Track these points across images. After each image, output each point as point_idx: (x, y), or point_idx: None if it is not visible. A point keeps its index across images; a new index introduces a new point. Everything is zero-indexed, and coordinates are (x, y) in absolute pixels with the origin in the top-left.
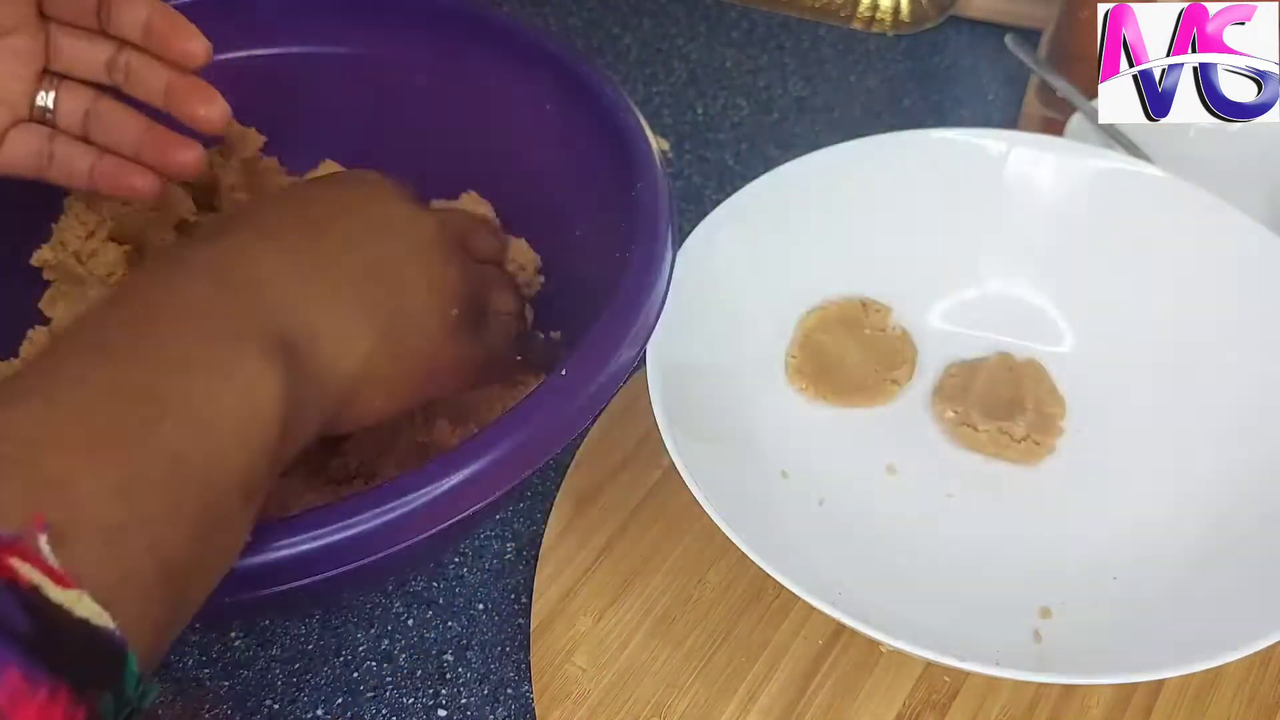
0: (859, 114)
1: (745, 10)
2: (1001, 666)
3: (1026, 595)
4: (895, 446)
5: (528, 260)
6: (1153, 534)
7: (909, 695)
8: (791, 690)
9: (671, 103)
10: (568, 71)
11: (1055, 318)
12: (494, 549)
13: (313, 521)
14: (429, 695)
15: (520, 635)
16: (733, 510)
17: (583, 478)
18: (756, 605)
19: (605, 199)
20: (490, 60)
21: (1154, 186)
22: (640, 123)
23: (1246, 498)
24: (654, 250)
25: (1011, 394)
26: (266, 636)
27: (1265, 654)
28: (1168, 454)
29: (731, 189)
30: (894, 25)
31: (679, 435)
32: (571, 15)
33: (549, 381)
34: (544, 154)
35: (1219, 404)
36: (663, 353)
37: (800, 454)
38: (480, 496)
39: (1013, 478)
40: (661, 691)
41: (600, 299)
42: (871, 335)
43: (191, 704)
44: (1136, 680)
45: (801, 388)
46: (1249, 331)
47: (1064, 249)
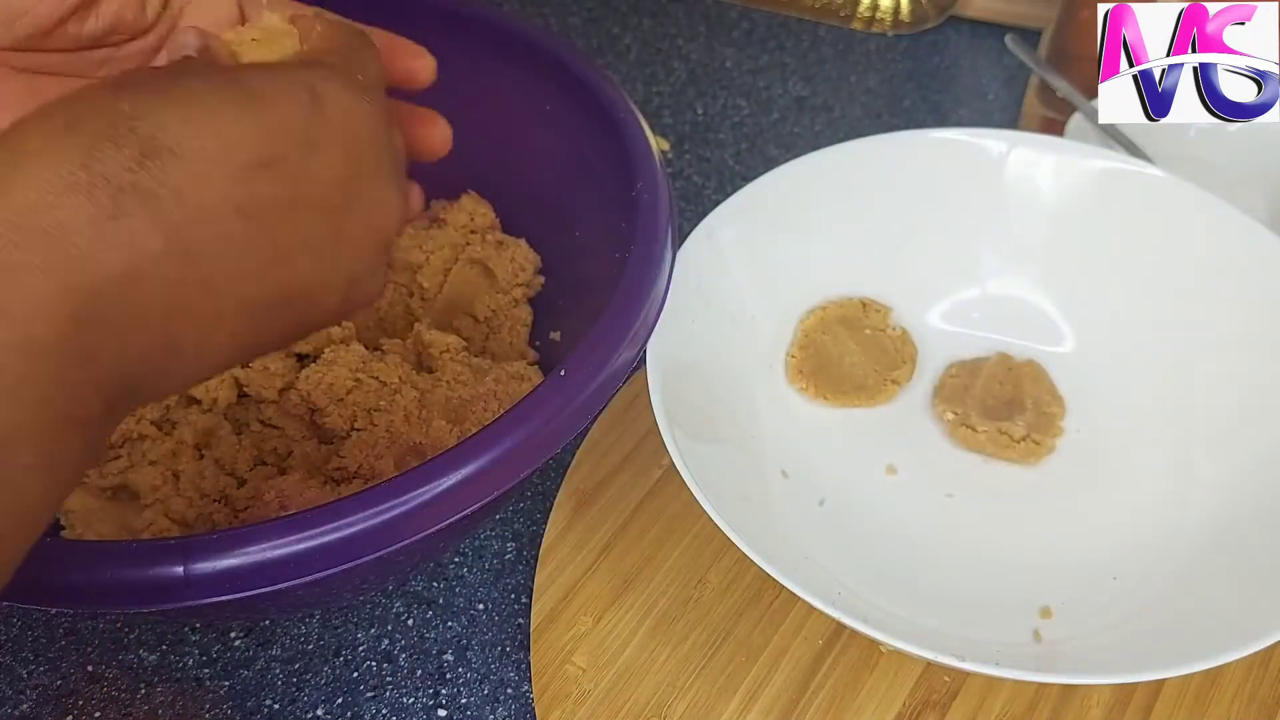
0: (859, 114)
1: (745, 10)
2: (1001, 666)
3: (1026, 595)
4: (895, 446)
5: (528, 260)
6: (1152, 534)
7: (909, 695)
8: (791, 690)
9: (671, 103)
10: (568, 71)
11: (1055, 318)
12: (494, 549)
13: (312, 521)
14: (429, 695)
15: (520, 635)
16: (733, 510)
17: (583, 478)
18: (756, 605)
19: (605, 199)
20: (490, 60)
21: (1154, 186)
22: (640, 123)
23: (1246, 498)
24: (654, 250)
25: (1011, 394)
26: (266, 636)
27: (1265, 654)
28: (1168, 454)
29: (731, 189)
30: (894, 25)
31: (679, 435)
32: (571, 15)
33: (549, 381)
34: (544, 155)
35: (1219, 404)
36: (663, 353)
37: (800, 454)
38: (480, 496)
39: (1013, 478)
40: (661, 691)
41: (600, 299)
42: (871, 335)
43: (191, 704)
44: (1136, 680)
45: (801, 388)
46: (1249, 331)
47: (1064, 249)
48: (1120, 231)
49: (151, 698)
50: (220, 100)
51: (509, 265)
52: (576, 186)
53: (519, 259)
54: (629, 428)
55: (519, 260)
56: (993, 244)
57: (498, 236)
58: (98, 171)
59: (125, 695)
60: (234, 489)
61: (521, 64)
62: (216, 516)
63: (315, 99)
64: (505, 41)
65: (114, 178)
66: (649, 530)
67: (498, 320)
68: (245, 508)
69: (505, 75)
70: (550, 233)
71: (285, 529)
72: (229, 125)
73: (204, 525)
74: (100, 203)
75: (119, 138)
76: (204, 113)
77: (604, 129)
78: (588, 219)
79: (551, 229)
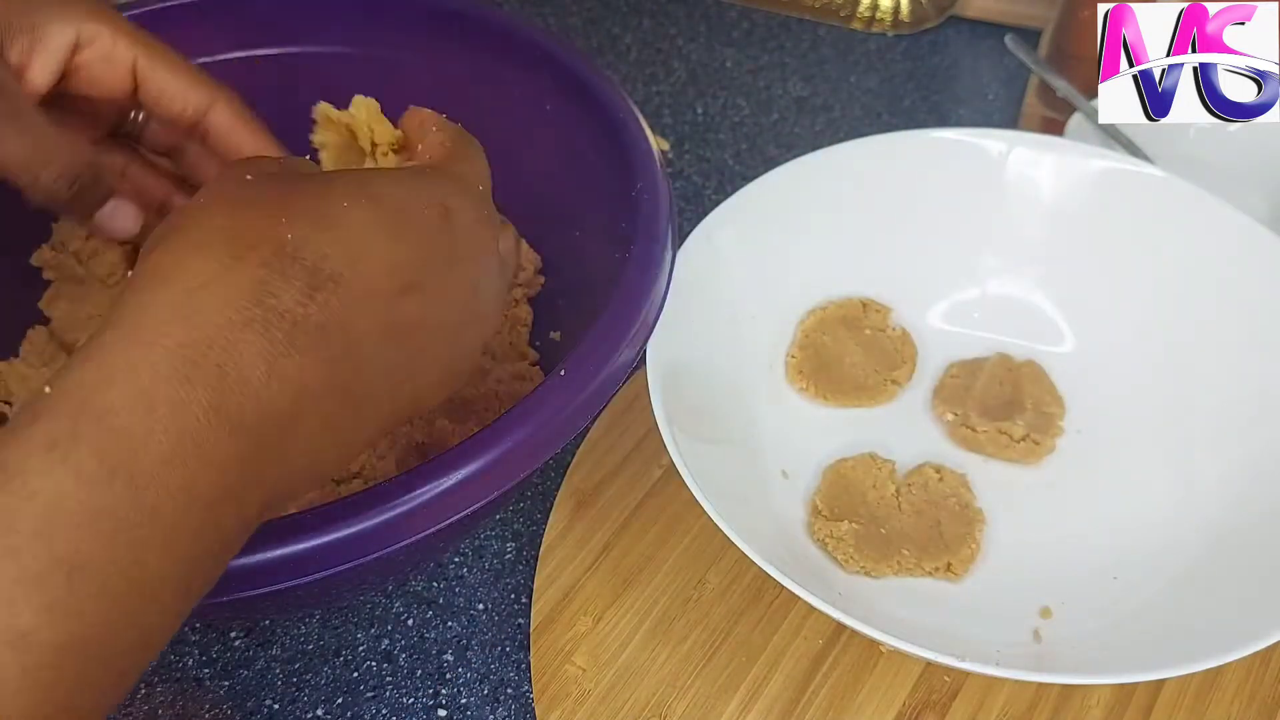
0: (859, 114)
1: (745, 10)
2: (1001, 666)
3: (1026, 595)
4: (895, 447)
5: (528, 260)
6: (1153, 534)
7: (909, 695)
8: (791, 690)
9: (671, 103)
10: (568, 71)
11: (1055, 318)
12: (494, 549)
13: (312, 521)
14: (429, 695)
15: (520, 635)
16: (733, 510)
17: (583, 478)
18: (756, 605)
19: (605, 199)
20: (490, 60)
21: (1154, 186)
22: (640, 123)
23: (1246, 498)
24: (654, 250)
25: (1011, 394)
26: (266, 636)
27: (1265, 654)
28: (1168, 454)
29: (731, 189)
30: (894, 25)
31: (679, 435)
32: (571, 15)
33: (549, 381)
34: (544, 154)
35: (1219, 404)
36: (662, 353)
37: (800, 454)
38: (480, 496)
39: (1012, 478)
40: (661, 691)
41: (600, 299)
42: (871, 335)
43: (191, 704)
44: (1136, 680)
45: (801, 388)
46: (1249, 331)
47: (1064, 249)
48: (1120, 231)
49: (151, 698)
50: (370, 221)
51: None
52: (576, 186)
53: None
54: (629, 428)
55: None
56: (993, 244)
57: None
58: (271, 306)
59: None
60: None
61: (521, 64)
62: None
63: (447, 215)
64: (505, 41)
65: (288, 313)
66: (649, 530)
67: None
68: None
69: (505, 75)
70: (550, 233)
71: (285, 529)
72: (382, 249)
73: None
74: (275, 339)
75: (287, 269)
76: (359, 237)
77: (604, 129)
78: (588, 219)
79: (551, 229)
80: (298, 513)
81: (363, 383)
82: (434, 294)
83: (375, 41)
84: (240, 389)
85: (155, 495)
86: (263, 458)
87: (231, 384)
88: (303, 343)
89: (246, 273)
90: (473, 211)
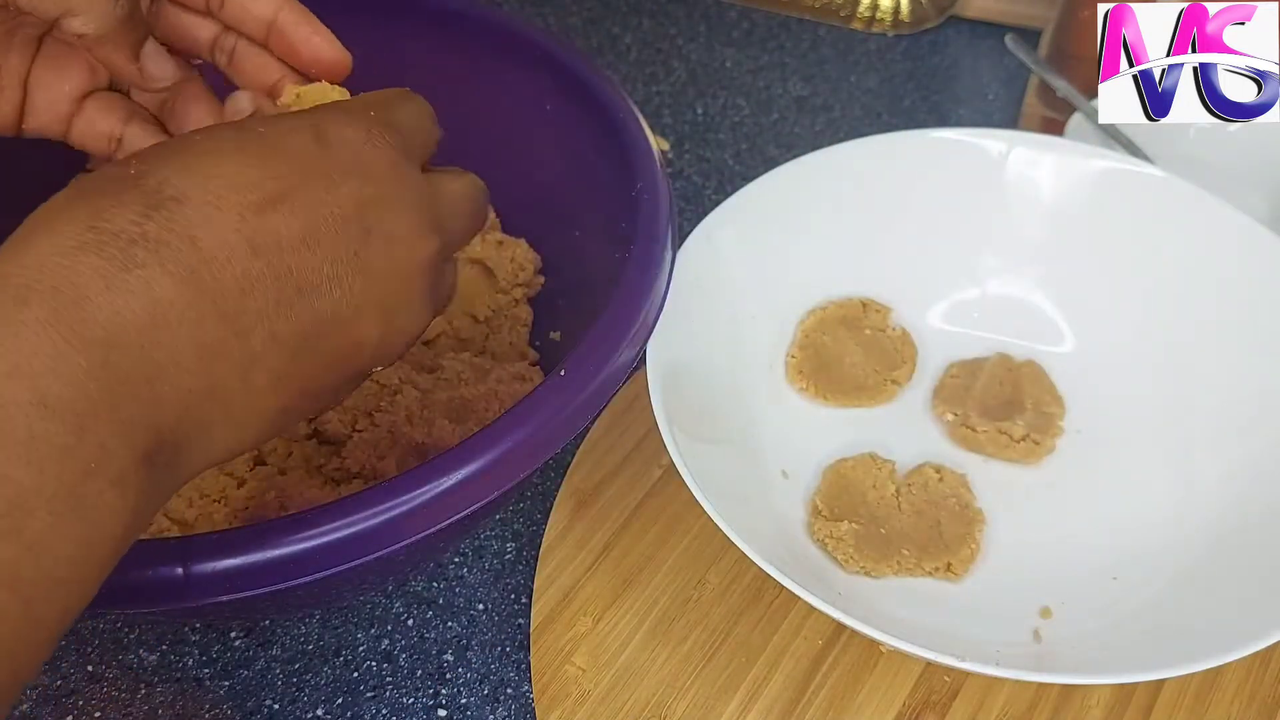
0: (859, 114)
1: (745, 10)
2: (1001, 666)
3: (1026, 595)
4: (895, 447)
5: (528, 260)
6: (1153, 534)
7: (909, 695)
8: (791, 690)
9: (671, 103)
10: (568, 71)
11: (1055, 318)
12: (494, 549)
13: (312, 521)
14: (429, 695)
15: (520, 635)
16: (733, 510)
17: (583, 478)
18: (756, 605)
19: (605, 199)
20: (490, 60)
21: (1154, 186)
22: (640, 123)
23: (1246, 498)
24: (654, 250)
25: (1011, 394)
26: (266, 636)
27: (1265, 654)
28: (1168, 453)
29: (731, 189)
30: (894, 25)
31: (679, 435)
32: (571, 15)
33: (549, 381)
34: (544, 154)
35: (1219, 404)
36: (662, 353)
37: (800, 454)
38: (480, 496)
39: (1012, 478)
40: (661, 692)
41: (600, 299)
42: (871, 335)
43: (191, 704)
44: (1136, 680)
45: (801, 388)
46: (1249, 331)
47: (1064, 249)
48: (1120, 231)
49: (151, 698)
50: (221, 147)
51: (509, 265)
52: (576, 186)
53: (519, 259)
54: (629, 428)
55: (519, 260)
56: (993, 244)
57: (498, 236)
58: (106, 229)
59: (125, 695)
60: (234, 489)
61: (521, 64)
62: (216, 516)
63: (319, 136)
64: (505, 41)
65: (122, 232)
66: (649, 530)
67: (498, 320)
68: (245, 508)
69: (505, 75)
70: (550, 233)
71: (285, 529)
72: (231, 169)
73: (204, 525)
74: (111, 256)
75: (123, 195)
76: (206, 161)
77: (604, 129)
78: (588, 219)
79: (551, 229)
80: (298, 513)
81: (234, 293)
82: (304, 209)
83: (375, 42)
84: (78, 305)
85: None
86: (126, 372)
87: (67, 301)
88: (142, 257)
89: (83, 205)
90: (353, 131)
